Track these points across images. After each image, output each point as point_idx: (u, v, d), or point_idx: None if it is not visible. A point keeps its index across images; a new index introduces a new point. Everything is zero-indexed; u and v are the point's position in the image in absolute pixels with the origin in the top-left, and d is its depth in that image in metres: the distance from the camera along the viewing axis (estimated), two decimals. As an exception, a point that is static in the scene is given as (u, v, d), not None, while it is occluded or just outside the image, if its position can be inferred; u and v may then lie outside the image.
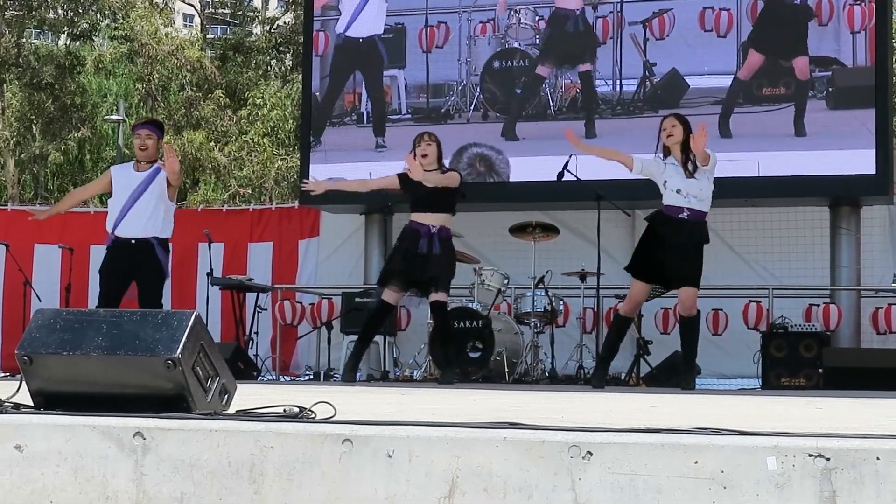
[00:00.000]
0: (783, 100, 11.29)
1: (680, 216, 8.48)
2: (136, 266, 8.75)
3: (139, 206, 8.77)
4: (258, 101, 26.87)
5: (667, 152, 8.59)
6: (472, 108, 12.07)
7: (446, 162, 9.56)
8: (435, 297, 8.99)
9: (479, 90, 12.06)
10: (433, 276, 8.95)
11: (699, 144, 8.30)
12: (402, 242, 9.12)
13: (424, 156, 9.00)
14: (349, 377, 9.18)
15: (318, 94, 12.58)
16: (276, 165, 26.17)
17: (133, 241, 8.76)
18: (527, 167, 11.64)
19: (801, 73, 11.22)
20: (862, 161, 10.91)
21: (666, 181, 8.54)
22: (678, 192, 8.47)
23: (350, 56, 12.43)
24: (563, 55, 11.89)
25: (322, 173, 11.94)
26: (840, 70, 11.22)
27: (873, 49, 11.09)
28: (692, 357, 8.78)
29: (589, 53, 11.79)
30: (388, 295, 9.08)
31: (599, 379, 8.81)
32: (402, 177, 9.16)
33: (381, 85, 12.30)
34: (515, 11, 12.02)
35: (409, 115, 12.23)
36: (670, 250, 8.48)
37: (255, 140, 26.26)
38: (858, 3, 11.13)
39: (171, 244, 8.97)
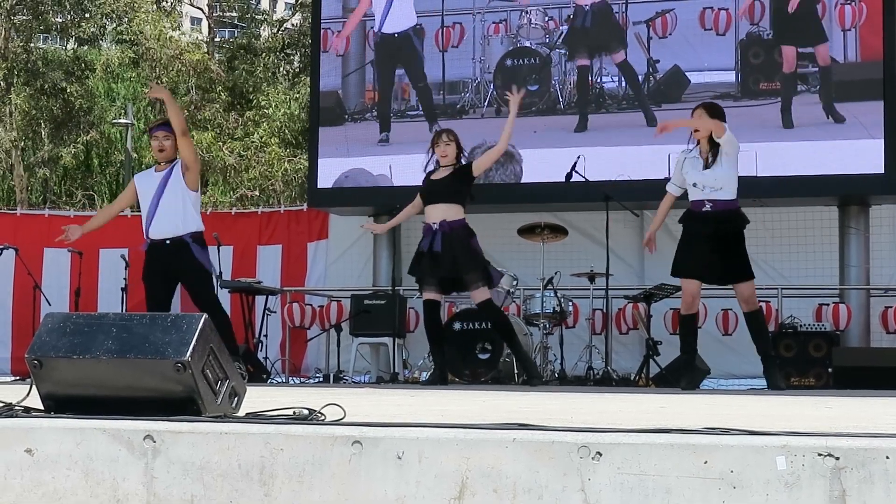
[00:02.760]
0: (774, 94, 11.52)
1: (703, 209, 8.43)
2: (177, 269, 8.70)
3: (164, 204, 8.74)
4: (263, 103, 26.88)
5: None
6: (485, 104, 12.34)
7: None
8: (476, 297, 9.10)
9: (492, 87, 12.32)
10: (454, 278, 9.09)
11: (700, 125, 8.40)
12: (418, 247, 9.31)
13: (444, 156, 9.19)
14: (438, 382, 9.19)
15: (339, 91, 12.76)
16: (283, 168, 26.16)
17: (168, 242, 8.70)
18: (540, 161, 11.83)
19: (823, 60, 11.43)
20: (860, 152, 11.03)
21: (686, 176, 8.56)
22: (695, 185, 8.47)
23: (390, 52, 12.64)
24: (588, 46, 12.12)
25: (342, 167, 12.36)
26: (833, 65, 11.40)
27: (866, 45, 11.30)
28: (768, 349, 8.65)
29: (616, 44, 12.04)
30: (428, 294, 9.20)
31: (689, 381, 8.54)
32: (421, 191, 9.33)
33: (423, 75, 12.51)
34: (527, 12, 12.26)
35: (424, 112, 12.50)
36: (706, 245, 8.40)
37: (263, 139, 26.27)
38: (849, 2, 11.37)
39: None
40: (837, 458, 2.68)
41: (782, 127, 11.40)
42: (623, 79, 11.95)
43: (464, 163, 9.32)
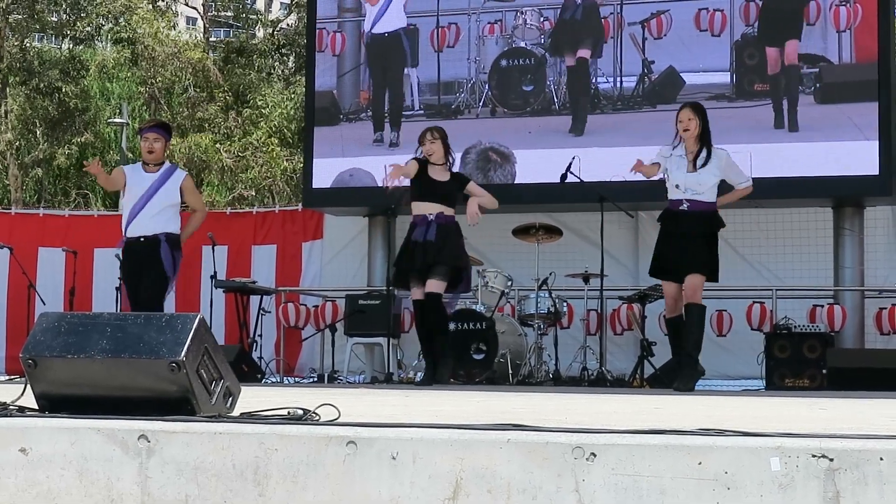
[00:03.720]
0: (767, 95, 11.57)
1: (680, 208, 8.48)
2: (142, 264, 8.79)
3: (151, 206, 8.85)
4: (259, 103, 26.87)
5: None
6: (480, 104, 12.39)
7: (457, 156, 9.77)
8: (429, 286, 9.00)
9: (487, 87, 12.37)
10: (430, 263, 9.02)
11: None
12: (406, 237, 9.30)
13: (431, 154, 9.23)
14: (432, 382, 9.10)
15: (335, 91, 12.79)
16: (283, 167, 26.16)
17: (142, 239, 8.82)
18: (535, 161, 11.85)
19: (789, 58, 11.49)
20: (855, 154, 11.04)
21: (668, 174, 8.57)
22: (677, 186, 8.50)
23: (379, 52, 12.70)
24: (570, 42, 12.17)
25: (338, 167, 12.42)
26: (827, 67, 11.46)
27: (861, 47, 11.35)
28: (695, 348, 8.37)
29: (591, 42, 12.07)
30: (416, 293, 9.17)
31: (683, 383, 8.32)
32: (418, 178, 9.22)
33: (400, 79, 12.55)
34: (521, 13, 12.28)
35: (421, 111, 12.54)
36: (676, 242, 8.44)
37: (261, 139, 26.27)
38: (844, 4, 11.43)
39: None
40: (831, 460, 2.68)
41: (776, 128, 11.42)
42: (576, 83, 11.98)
43: (453, 159, 9.43)
